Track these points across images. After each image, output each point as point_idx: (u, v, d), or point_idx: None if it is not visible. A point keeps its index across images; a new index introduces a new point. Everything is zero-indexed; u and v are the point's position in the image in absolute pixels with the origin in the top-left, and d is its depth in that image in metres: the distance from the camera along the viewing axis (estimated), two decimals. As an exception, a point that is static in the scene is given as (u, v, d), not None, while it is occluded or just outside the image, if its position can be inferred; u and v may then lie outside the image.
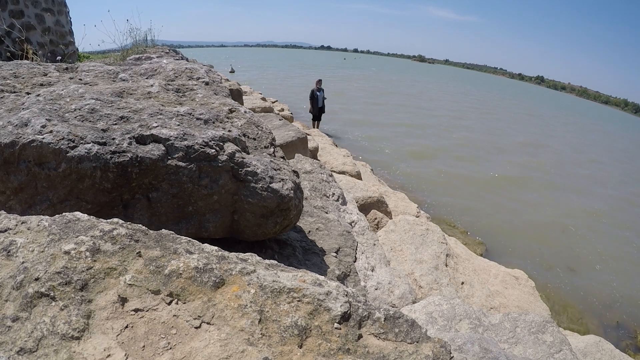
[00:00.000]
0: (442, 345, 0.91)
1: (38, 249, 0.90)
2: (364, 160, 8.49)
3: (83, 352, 0.75)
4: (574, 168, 12.67)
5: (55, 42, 6.37)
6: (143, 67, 2.32)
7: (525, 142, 15.58)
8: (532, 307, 3.37)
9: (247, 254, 1.07)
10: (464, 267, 3.28)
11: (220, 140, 1.59)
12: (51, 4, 6.38)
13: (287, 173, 1.74)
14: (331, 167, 5.92)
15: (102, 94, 1.71)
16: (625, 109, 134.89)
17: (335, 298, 0.93)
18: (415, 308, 2.08)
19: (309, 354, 0.82)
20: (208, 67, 3.46)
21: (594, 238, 7.60)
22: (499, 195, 9.08)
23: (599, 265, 6.58)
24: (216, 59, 38.14)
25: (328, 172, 3.26)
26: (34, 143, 1.31)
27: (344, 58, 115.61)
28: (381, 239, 3.22)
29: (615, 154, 17.28)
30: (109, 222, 1.03)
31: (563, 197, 9.65)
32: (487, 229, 7.12)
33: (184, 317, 0.84)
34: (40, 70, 2.05)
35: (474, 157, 11.96)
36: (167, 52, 5.96)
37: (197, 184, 1.51)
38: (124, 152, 1.40)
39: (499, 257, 5.98)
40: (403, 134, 13.93)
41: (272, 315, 0.87)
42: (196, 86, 2.10)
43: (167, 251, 0.97)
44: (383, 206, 4.15)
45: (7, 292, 0.82)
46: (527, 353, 1.79)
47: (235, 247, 1.72)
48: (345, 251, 2.17)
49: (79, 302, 0.82)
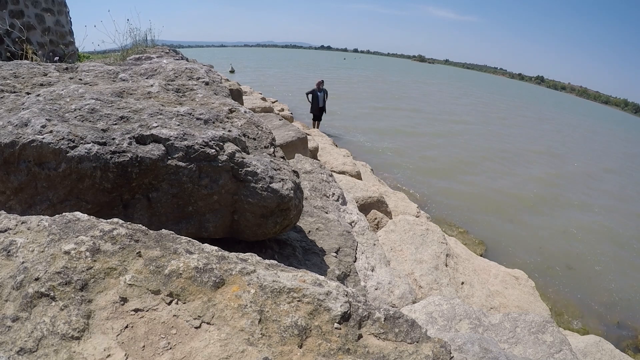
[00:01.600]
0: (442, 345, 0.91)
1: (38, 249, 0.90)
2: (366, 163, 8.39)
3: (83, 352, 0.75)
4: (597, 183, 11.84)
5: (55, 42, 6.36)
6: (143, 67, 2.32)
7: (540, 151, 14.74)
8: (532, 307, 3.37)
9: (247, 254, 1.07)
10: (464, 267, 3.28)
11: (220, 140, 1.59)
12: (51, 4, 6.38)
13: (287, 173, 1.74)
14: (331, 167, 5.92)
15: (102, 94, 1.71)
16: (625, 109, 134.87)
17: (335, 298, 0.93)
18: (415, 308, 2.08)
19: (309, 354, 0.82)
20: (208, 67, 3.46)
21: (594, 238, 7.60)
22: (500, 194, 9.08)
23: (599, 265, 6.58)
24: (216, 59, 38.13)
25: (328, 172, 3.26)
26: (34, 143, 1.31)
27: (344, 58, 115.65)
28: (381, 239, 3.22)
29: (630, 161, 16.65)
30: (109, 222, 1.03)
31: (563, 197, 9.65)
32: (487, 229, 7.12)
33: (184, 317, 0.84)
34: (40, 70, 2.05)
35: (486, 168, 11.16)
36: (167, 52, 5.96)
37: (197, 184, 1.51)
38: (124, 152, 1.40)
39: (499, 257, 5.98)
40: (409, 139, 13.46)
41: (272, 315, 0.87)
42: (196, 86, 2.10)
43: (167, 251, 0.97)
44: (383, 206, 4.15)
45: (7, 292, 0.82)
46: (527, 353, 1.79)
47: (235, 247, 1.72)
48: (345, 251, 2.17)
49: (79, 302, 0.82)
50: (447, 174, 10.04)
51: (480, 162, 11.67)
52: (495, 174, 10.70)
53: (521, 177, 10.74)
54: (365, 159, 9.16)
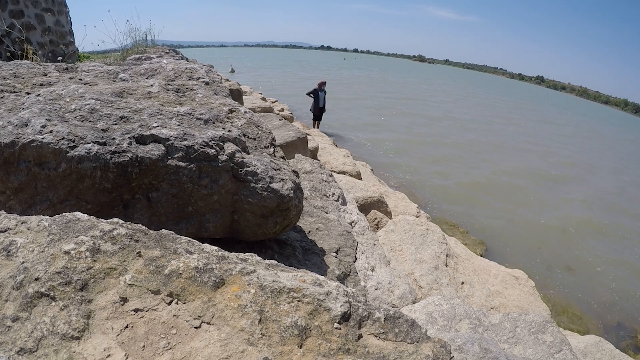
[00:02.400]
0: (442, 345, 0.91)
1: (38, 249, 0.90)
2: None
3: (83, 352, 0.75)
4: (597, 184, 11.34)
5: (55, 42, 6.36)
6: (143, 67, 2.32)
7: (540, 151, 14.15)
8: (532, 307, 3.37)
9: (247, 254, 1.07)
10: (464, 267, 3.28)
11: (220, 140, 1.59)
12: (51, 4, 6.38)
13: (287, 173, 1.74)
14: (331, 167, 5.92)
15: (102, 94, 1.71)
16: (625, 109, 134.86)
17: (335, 298, 0.93)
18: (415, 308, 2.08)
19: (309, 354, 0.82)
20: (208, 67, 3.45)
21: (594, 238, 7.60)
22: (500, 195, 9.08)
23: (599, 265, 6.58)
24: (216, 59, 38.09)
25: (328, 172, 3.26)
26: (34, 143, 1.31)
27: (344, 58, 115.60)
28: (381, 239, 3.22)
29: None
30: (109, 222, 1.03)
31: (563, 197, 9.65)
32: (487, 229, 7.12)
33: (184, 317, 0.84)
34: (40, 70, 2.05)
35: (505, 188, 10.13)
36: (167, 52, 5.96)
37: (197, 184, 1.51)
38: (124, 152, 1.40)
39: (499, 257, 5.98)
40: (409, 139, 13.21)
41: (272, 315, 0.87)
42: (196, 86, 2.10)
43: (167, 251, 0.97)
44: (383, 206, 4.15)
45: (7, 292, 0.82)
46: (527, 353, 1.78)
47: (235, 247, 1.72)
48: (345, 251, 2.17)
49: (79, 302, 0.82)
50: (448, 174, 10.04)
51: (481, 162, 11.68)
52: (495, 173, 10.70)
53: (521, 177, 10.75)
54: (365, 159, 9.16)
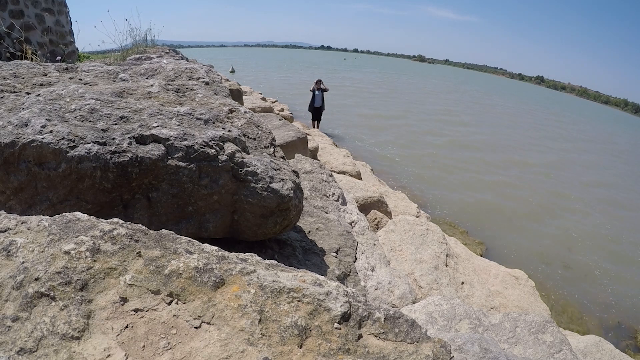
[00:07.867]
0: (442, 345, 0.91)
1: (38, 249, 0.90)
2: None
3: (83, 352, 0.75)
4: (597, 184, 11.16)
5: (55, 42, 6.36)
6: (143, 67, 2.32)
7: (539, 150, 13.79)
8: (532, 307, 3.37)
9: (247, 254, 1.07)
10: (464, 267, 3.28)
11: (220, 140, 1.59)
12: (51, 4, 6.38)
13: (287, 173, 1.74)
14: (331, 167, 5.92)
15: (102, 94, 1.71)
16: (625, 109, 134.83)
17: (335, 298, 0.93)
18: (415, 308, 2.08)
19: (309, 354, 0.82)
20: (208, 67, 3.46)
21: (594, 239, 7.60)
22: (501, 196, 9.08)
23: (599, 265, 6.58)
24: (216, 59, 38.10)
25: (328, 172, 3.25)
26: (34, 143, 1.31)
27: (344, 58, 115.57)
28: (381, 239, 3.22)
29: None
30: (109, 222, 1.03)
31: (563, 197, 9.65)
32: (487, 229, 7.12)
33: (184, 317, 0.84)
34: (40, 70, 2.05)
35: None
36: (167, 52, 5.96)
37: (197, 184, 1.51)
38: (124, 152, 1.40)
39: (499, 257, 5.98)
40: (409, 139, 13.01)
41: (272, 315, 0.87)
42: (196, 86, 2.10)
43: (167, 251, 0.97)
44: (383, 206, 4.15)
45: (7, 292, 0.82)
46: (527, 353, 1.78)
47: (235, 247, 1.72)
48: (345, 251, 2.17)
49: (79, 302, 0.82)
50: (448, 174, 10.04)
51: (482, 162, 11.68)
52: (496, 174, 10.70)
53: (521, 177, 10.75)
54: (365, 159, 9.17)
